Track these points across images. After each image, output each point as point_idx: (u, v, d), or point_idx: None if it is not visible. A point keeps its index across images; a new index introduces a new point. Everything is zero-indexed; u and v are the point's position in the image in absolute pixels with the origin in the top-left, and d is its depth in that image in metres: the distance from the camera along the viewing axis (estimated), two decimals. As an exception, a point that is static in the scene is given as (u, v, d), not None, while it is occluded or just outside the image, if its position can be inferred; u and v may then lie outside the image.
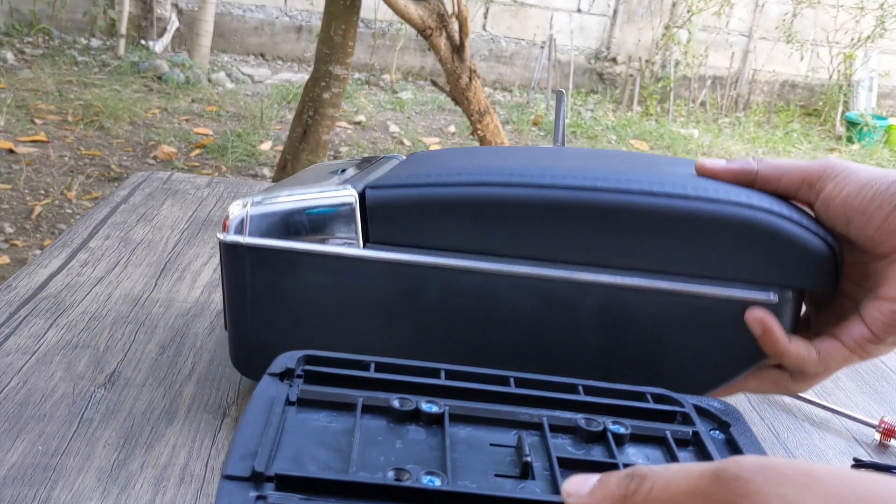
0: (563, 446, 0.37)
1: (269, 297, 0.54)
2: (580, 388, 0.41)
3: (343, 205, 0.53)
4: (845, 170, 0.51)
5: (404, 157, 0.64)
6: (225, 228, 0.54)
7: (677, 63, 5.56)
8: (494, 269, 0.52)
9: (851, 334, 0.51)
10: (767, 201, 0.51)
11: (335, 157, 3.61)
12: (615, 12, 5.59)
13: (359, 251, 0.52)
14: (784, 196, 0.53)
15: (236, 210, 0.54)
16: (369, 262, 0.52)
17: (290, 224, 0.53)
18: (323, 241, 0.53)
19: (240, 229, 0.53)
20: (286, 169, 2.80)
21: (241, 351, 0.56)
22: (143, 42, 4.97)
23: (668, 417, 0.40)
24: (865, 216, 0.49)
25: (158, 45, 4.95)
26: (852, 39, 5.62)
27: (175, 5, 5.17)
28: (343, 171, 0.59)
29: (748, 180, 0.53)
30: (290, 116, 3.42)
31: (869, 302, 0.51)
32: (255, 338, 0.55)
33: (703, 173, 0.54)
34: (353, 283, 0.53)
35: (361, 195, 0.53)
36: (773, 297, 0.51)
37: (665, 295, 0.51)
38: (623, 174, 0.52)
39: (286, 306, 0.54)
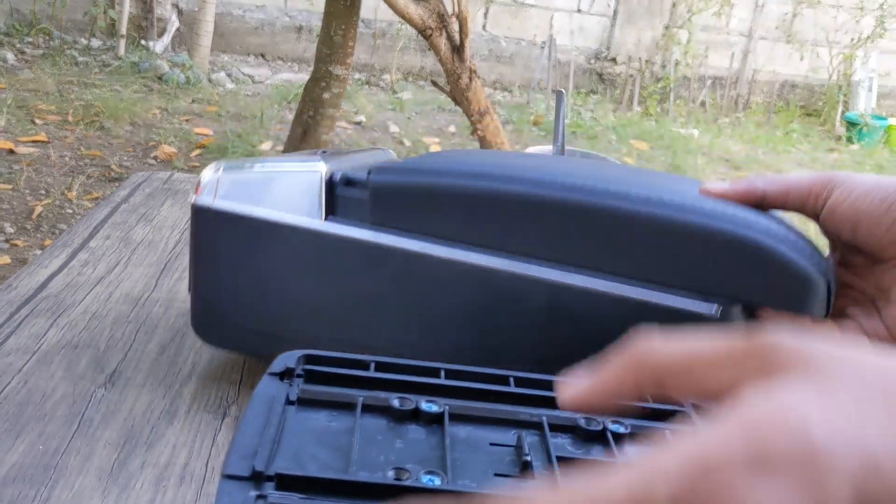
0: (562, 445, 0.37)
1: (232, 262, 0.55)
2: (580, 387, 0.41)
3: (310, 175, 0.54)
4: (851, 177, 0.50)
5: (390, 151, 0.66)
6: (197, 191, 0.55)
7: (677, 63, 5.56)
8: (448, 257, 0.52)
9: (874, 328, 0.50)
10: (769, 224, 0.50)
11: (335, 158, 3.60)
12: (615, 12, 5.59)
13: (320, 224, 0.53)
14: (794, 210, 0.52)
15: (209, 174, 0.55)
16: (328, 237, 0.53)
17: (258, 191, 0.54)
18: (287, 212, 0.54)
19: (210, 193, 0.55)
20: (286, 169, 2.80)
21: (202, 315, 0.57)
22: (143, 42, 4.97)
23: (667, 416, 0.40)
24: (874, 219, 0.48)
25: (159, 46, 4.95)
26: (852, 39, 5.62)
27: (175, 5, 5.17)
28: (324, 152, 0.60)
29: (755, 201, 0.52)
30: (291, 117, 3.42)
31: (887, 307, 0.50)
32: (216, 302, 0.56)
33: (710, 196, 0.53)
34: (313, 255, 0.54)
35: (330, 177, 0.54)
36: (715, 311, 0.49)
37: (637, 303, 0.50)
38: (618, 182, 0.52)
39: (248, 273, 0.55)
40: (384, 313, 0.54)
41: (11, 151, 3.15)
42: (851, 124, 5.35)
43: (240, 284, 0.55)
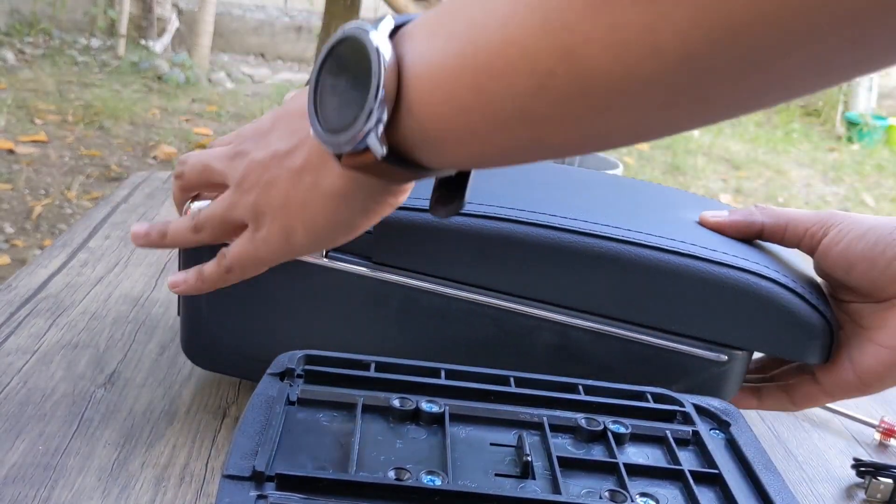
0: (563, 446, 0.37)
1: (226, 292, 0.52)
2: (580, 387, 0.41)
3: None
4: (847, 218, 0.51)
5: None
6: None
7: (677, 63, 5.55)
8: (454, 294, 0.51)
9: (837, 380, 0.51)
10: (776, 270, 0.50)
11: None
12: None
13: (320, 260, 0.51)
14: (790, 245, 0.53)
15: (199, 203, 0.52)
16: (328, 272, 0.51)
17: None
18: None
19: None
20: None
21: (193, 339, 0.56)
22: (143, 42, 4.97)
23: (668, 417, 0.40)
24: (868, 261, 0.49)
25: (158, 45, 4.95)
26: (852, 39, 5.62)
27: (175, 5, 5.17)
28: None
29: (754, 234, 0.53)
30: (290, 116, 3.41)
31: (863, 345, 0.50)
32: (208, 330, 0.55)
33: (709, 227, 0.54)
34: (315, 288, 0.52)
35: None
36: (722, 356, 0.50)
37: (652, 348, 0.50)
38: (625, 218, 0.51)
39: (241, 301, 0.53)
40: (382, 345, 0.52)
41: (11, 151, 3.15)
42: (851, 124, 5.35)
43: (232, 312, 0.54)
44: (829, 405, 0.64)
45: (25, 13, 4.90)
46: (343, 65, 0.37)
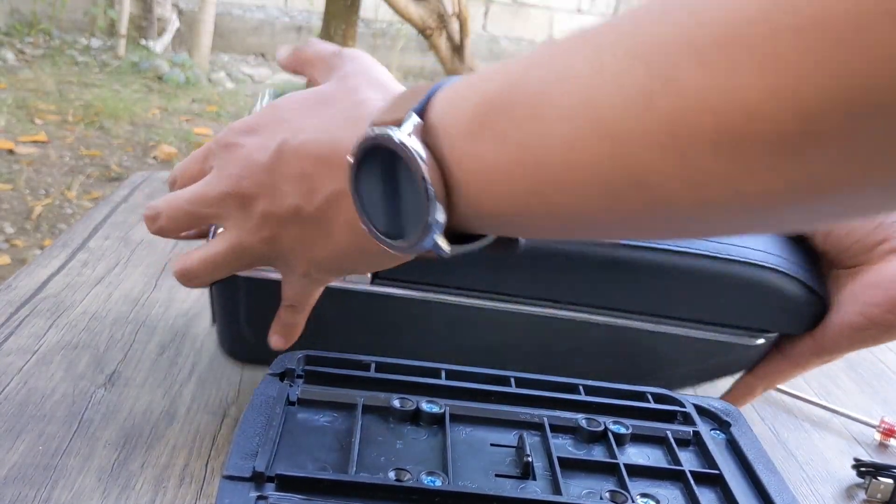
0: (563, 446, 0.37)
1: (264, 295, 0.51)
2: (581, 388, 0.41)
3: None
4: None
5: None
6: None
7: (677, 63, 5.56)
8: (502, 308, 0.51)
9: (798, 347, 0.53)
10: (774, 255, 0.52)
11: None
12: (616, 12, 5.59)
13: (366, 286, 0.50)
14: None
15: None
16: (374, 296, 0.51)
17: None
18: None
19: None
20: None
21: (235, 342, 0.55)
22: (143, 42, 4.97)
23: (668, 417, 0.40)
24: (846, 229, 0.51)
25: (158, 45, 4.95)
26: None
27: (175, 5, 5.17)
28: None
29: None
30: (290, 116, 3.41)
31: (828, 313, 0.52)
32: (250, 333, 0.54)
33: None
34: (360, 312, 0.52)
35: None
36: (760, 341, 0.53)
37: (668, 336, 0.53)
38: None
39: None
40: (426, 353, 0.52)
41: (11, 151, 3.16)
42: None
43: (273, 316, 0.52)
44: (828, 406, 0.64)
45: (25, 13, 4.90)
46: (380, 169, 0.35)
